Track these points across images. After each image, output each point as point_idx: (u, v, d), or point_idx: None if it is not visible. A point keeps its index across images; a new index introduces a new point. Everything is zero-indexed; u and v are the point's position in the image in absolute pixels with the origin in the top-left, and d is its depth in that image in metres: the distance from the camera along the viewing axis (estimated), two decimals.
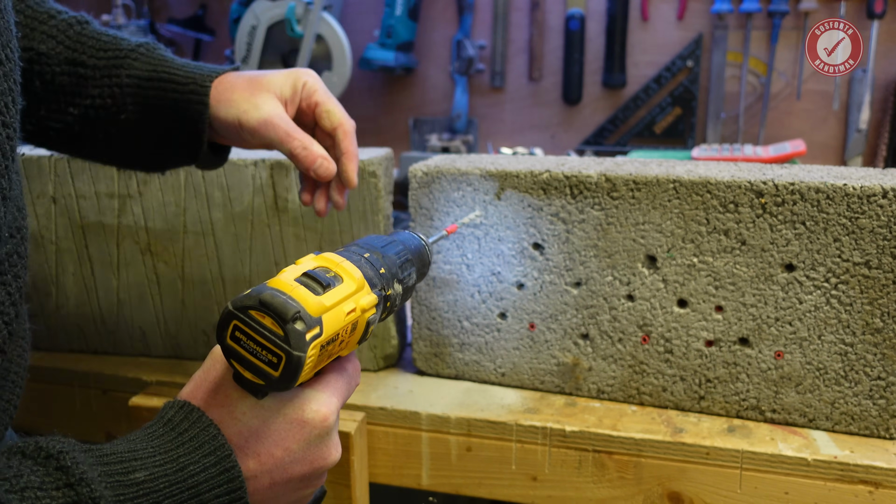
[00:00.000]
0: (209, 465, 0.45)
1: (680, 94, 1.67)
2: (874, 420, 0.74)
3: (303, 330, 0.44)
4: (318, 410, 0.49)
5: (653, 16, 1.67)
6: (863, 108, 1.53)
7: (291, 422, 0.49)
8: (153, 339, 0.97)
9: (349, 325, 0.49)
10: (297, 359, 0.44)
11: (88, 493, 0.40)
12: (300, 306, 0.45)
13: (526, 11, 1.73)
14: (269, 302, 0.44)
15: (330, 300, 0.47)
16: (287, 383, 0.45)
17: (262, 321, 0.45)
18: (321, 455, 0.50)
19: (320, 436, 0.50)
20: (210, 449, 0.46)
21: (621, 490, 0.78)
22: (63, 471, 0.41)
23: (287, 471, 0.49)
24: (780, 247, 0.73)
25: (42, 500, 0.39)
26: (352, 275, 0.50)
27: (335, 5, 1.75)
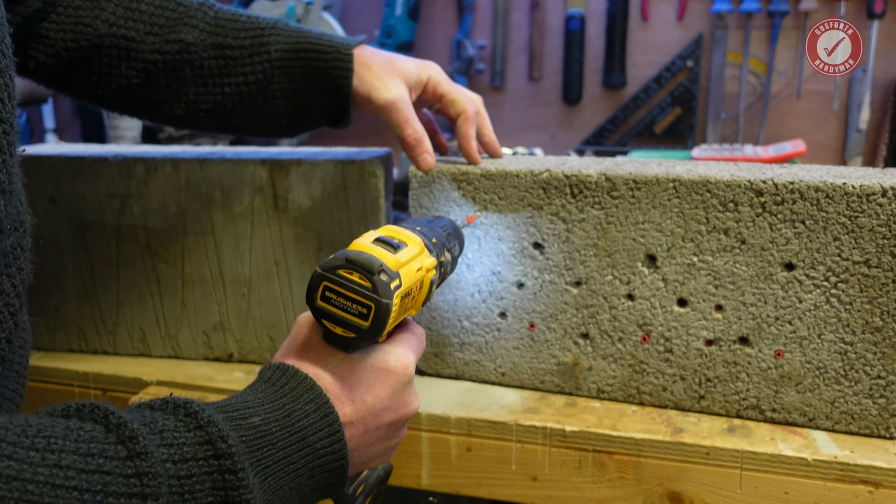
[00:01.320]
0: (311, 412, 0.50)
1: (680, 94, 1.67)
2: (874, 419, 0.74)
3: (387, 280, 0.50)
4: (399, 360, 0.55)
5: (653, 16, 1.67)
6: (863, 108, 1.53)
7: (378, 371, 0.54)
8: (153, 339, 0.97)
9: (419, 283, 0.55)
10: (385, 306, 0.49)
11: (217, 432, 0.44)
12: (382, 261, 0.50)
13: (526, 11, 1.73)
14: (356, 259, 0.50)
15: (404, 257, 0.53)
16: (377, 331, 0.50)
17: (350, 277, 0.50)
18: (405, 402, 0.56)
19: (404, 384, 0.55)
20: (310, 397, 0.50)
21: (621, 490, 0.78)
22: (192, 416, 0.45)
23: (378, 417, 0.54)
24: (780, 246, 0.73)
25: (178, 439, 0.43)
26: (414, 240, 0.56)
27: (335, 5, 1.75)
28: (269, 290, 0.92)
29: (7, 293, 0.53)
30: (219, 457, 0.44)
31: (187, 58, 0.78)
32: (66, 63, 0.76)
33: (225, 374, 0.92)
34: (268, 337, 0.94)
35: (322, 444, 0.50)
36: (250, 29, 0.78)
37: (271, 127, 0.83)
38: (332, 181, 0.87)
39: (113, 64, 0.77)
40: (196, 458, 0.43)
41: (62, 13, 0.75)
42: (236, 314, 0.94)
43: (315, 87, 0.79)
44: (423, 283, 0.56)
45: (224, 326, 0.94)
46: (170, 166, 0.90)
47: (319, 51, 0.78)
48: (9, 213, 0.52)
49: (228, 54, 0.78)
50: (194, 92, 0.79)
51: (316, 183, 0.87)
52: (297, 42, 0.78)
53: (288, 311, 0.92)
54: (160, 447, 0.42)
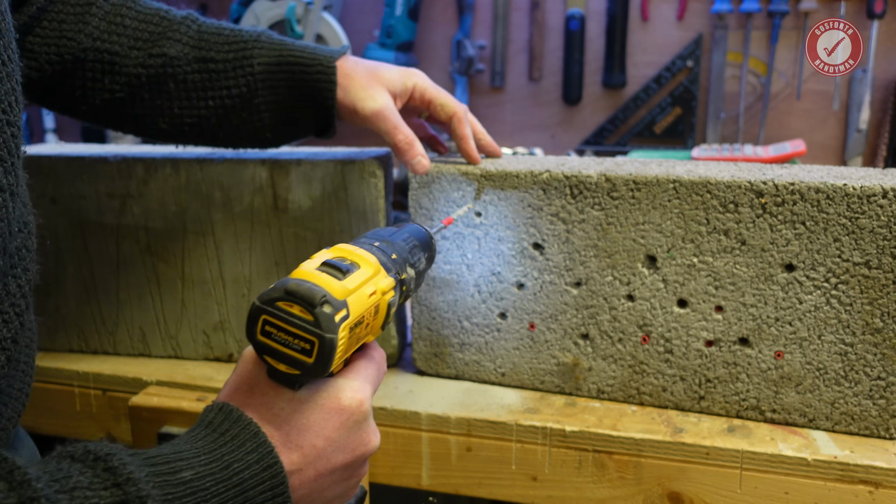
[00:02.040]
0: (252, 462, 0.46)
1: (680, 94, 1.67)
2: (874, 420, 0.74)
3: (331, 312, 0.46)
4: (353, 397, 0.51)
5: (653, 16, 1.67)
6: (863, 108, 1.53)
7: (329, 410, 0.50)
8: (153, 339, 0.97)
9: (372, 308, 0.50)
10: (329, 341, 0.45)
11: (136, 491, 0.41)
12: (325, 291, 0.46)
13: (526, 11, 1.73)
14: (296, 290, 0.46)
15: (352, 283, 0.49)
16: (322, 367, 0.46)
17: (290, 310, 0.46)
18: (362, 441, 0.52)
19: (358, 422, 0.51)
20: (252, 446, 0.47)
21: (621, 490, 0.78)
22: (111, 471, 0.41)
23: (331, 460, 0.50)
24: (780, 247, 0.73)
25: (91, 499, 0.40)
26: (367, 260, 0.52)
27: (335, 5, 1.75)
28: None
29: (13, 294, 0.53)
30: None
31: (171, 72, 0.78)
32: (49, 77, 0.76)
33: (225, 374, 0.92)
34: None
35: (263, 497, 0.46)
36: (233, 42, 0.78)
37: (256, 139, 0.83)
38: (332, 181, 0.87)
39: (96, 78, 0.77)
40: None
41: (47, 27, 0.75)
42: (236, 314, 0.93)
43: (299, 100, 0.79)
44: (378, 307, 0.51)
45: (224, 326, 0.94)
46: (170, 166, 0.90)
47: (302, 63, 0.78)
48: (15, 214, 0.51)
49: (212, 68, 0.78)
50: (178, 106, 0.79)
51: (316, 183, 0.87)
52: (281, 55, 0.78)
53: None
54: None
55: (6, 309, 0.52)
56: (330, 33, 1.63)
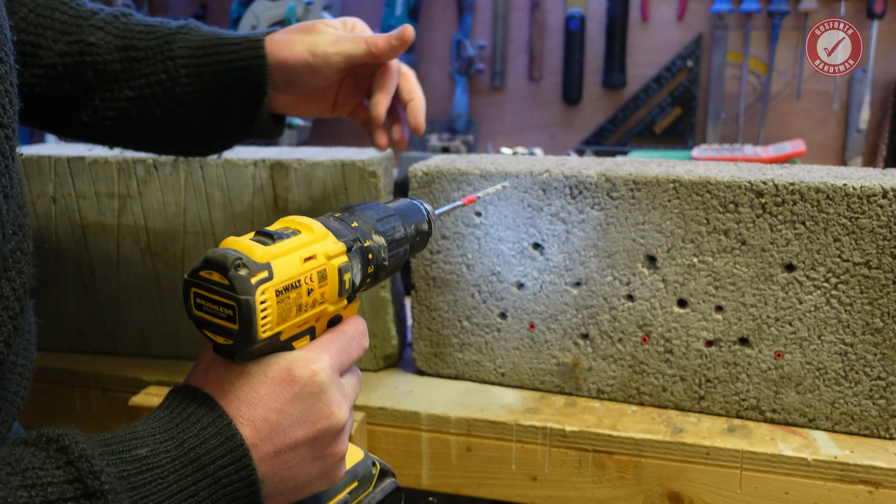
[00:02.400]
0: (209, 437, 0.45)
1: (680, 94, 1.67)
2: (874, 420, 0.74)
3: (246, 275, 0.44)
4: (304, 367, 0.48)
5: (653, 16, 1.67)
6: (863, 108, 1.53)
7: (279, 382, 0.48)
8: (153, 339, 0.97)
9: (313, 273, 0.48)
10: (245, 302, 0.44)
11: (89, 467, 0.40)
12: (241, 254, 0.45)
13: (526, 11, 1.73)
14: (211, 256, 0.45)
15: (280, 248, 0.47)
16: (247, 333, 0.45)
17: (210, 278, 0.45)
18: (322, 414, 0.49)
19: (313, 393, 0.48)
20: (208, 421, 0.45)
21: (621, 490, 0.78)
22: (63, 451, 0.41)
23: (289, 434, 0.48)
24: (780, 247, 0.73)
25: (43, 478, 0.39)
26: (309, 227, 0.50)
27: (335, 5, 1.75)
28: None
29: (6, 297, 0.52)
30: (90, 496, 0.39)
31: (90, 60, 0.73)
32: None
33: None
34: None
35: (225, 472, 0.45)
36: (158, 31, 0.74)
37: (188, 140, 0.77)
38: (332, 181, 0.87)
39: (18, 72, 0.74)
40: (63, 498, 0.39)
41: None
42: None
43: (226, 84, 0.73)
44: (324, 273, 0.49)
45: None
46: (170, 166, 0.90)
47: (228, 43, 0.72)
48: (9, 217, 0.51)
49: (133, 56, 0.73)
50: (99, 97, 0.74)
51: (316, 183, 0.87)
52: (206, 39, 0.73)
53: None
54: (20, 489, 0.38)
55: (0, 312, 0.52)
56: None
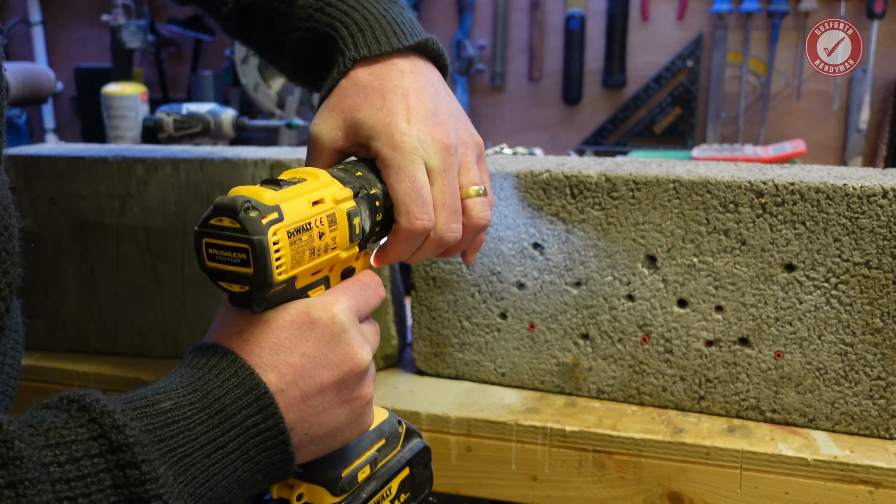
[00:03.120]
0: (233, 387, 0.45)
1: (680, 94, 1.67)
2: (874, 420, 0.74)
3: (257, 216, 0.44)
4: (324, 309, 0.48)
5: (653, 16, 1.67)
6: (863, 108, 1.53)
7: (299, 326, 0.47)
8: (153, 339, 0.97)
9: (322, 216, 0.48)
10: (258, 242, 0.43)
11: (111, 423, 0.40)
12: (249, 197, 0.45)
13: (526, 11, 1.73)
14: (220, 202, 0.45)
15: (288, 193, 0.47)
16: (262, 274, 0.44)
17: (220, 224, 0.45)
18: (345, 354, 0.48)
19: (335, 334, 0.48)
20: (231, 372, 0.45)
21: (621, 490, 0.78)
22: (85, 409, 0.40)
23: (314, 378, 0.47)
24: (780, 247, 0.73)
25: (66, 437, 0.39)
26: (315, 174, 0.50)
27: None
28: None
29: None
30: (115, 450, 0.39)
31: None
32: None
33: None
34: None
35: (252, 421, 0.44)
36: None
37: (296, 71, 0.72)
38: None
39: None
40: (89, 455, 0.39)
41: None
42: None
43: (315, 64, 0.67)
44: (333, 216, 0.49)
45: None
46: (170, 166, 0.90)
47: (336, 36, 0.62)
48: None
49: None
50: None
51: None
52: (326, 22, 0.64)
53: None
54: (44, 449, 0.38)
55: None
56: None
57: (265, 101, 1.62)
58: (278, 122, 1.47)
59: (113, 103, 1.53)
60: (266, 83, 1.62)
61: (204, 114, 1.39)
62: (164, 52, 1.92)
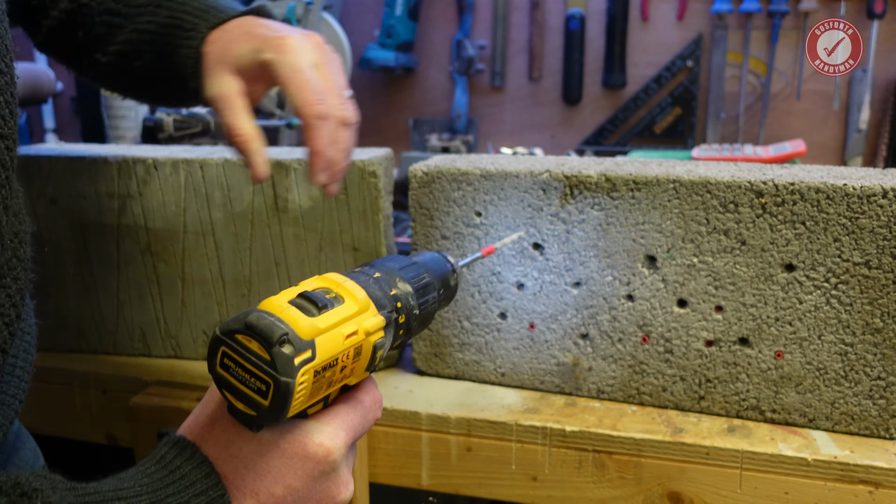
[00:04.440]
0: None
1: (680, 94, 1.67)
2: (874, 420, 0.74)
3: (291, 354, 0.41)
4: (321, 444, 0.46)
5: (653, 16, 1.67)
6: (863, 108, 1.53)
7: (292, 457, 0.45)
8: (153, 339, 0.97)
9: (350, 350, 0.46)
10: (284, 385, 0.41)
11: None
12: (289, 328, 0.42)
13: (526, 11, 1.73)
14: (255, 324, 0.42)
15: (325, 322, 0.44)
16: (278, 413, 0.42)
17: (248, 345, 0.42)
18: (328, 493, 0.47)
19: (325, 472, 0.46)
20: (202, 488, 0.43)
21: (621, 490, 0.78)
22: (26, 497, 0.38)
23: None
24: (780, 247, 0.73)
25: None
26: (354, 295, 0.47)
27: (335, 5, 1.75)
28: (269, 291, 0.92)
29: (2, 304, 0.51)
30: None
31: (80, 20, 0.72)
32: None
33: None
34: None
35: None
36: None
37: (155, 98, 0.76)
38: None
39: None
40: None
41: None
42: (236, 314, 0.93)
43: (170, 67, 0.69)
44: (360, 349, 0.46)
45: None
46: (170, 166, 0.90)
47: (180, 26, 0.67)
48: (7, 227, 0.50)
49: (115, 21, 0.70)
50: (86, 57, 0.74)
51: None
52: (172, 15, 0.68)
53: None
54: None
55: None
56: (330, 33, 1.64)
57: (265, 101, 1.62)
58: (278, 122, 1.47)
59: (113, 103, 1.53)
60: None
61: (204, 114, 1.39)
62: None
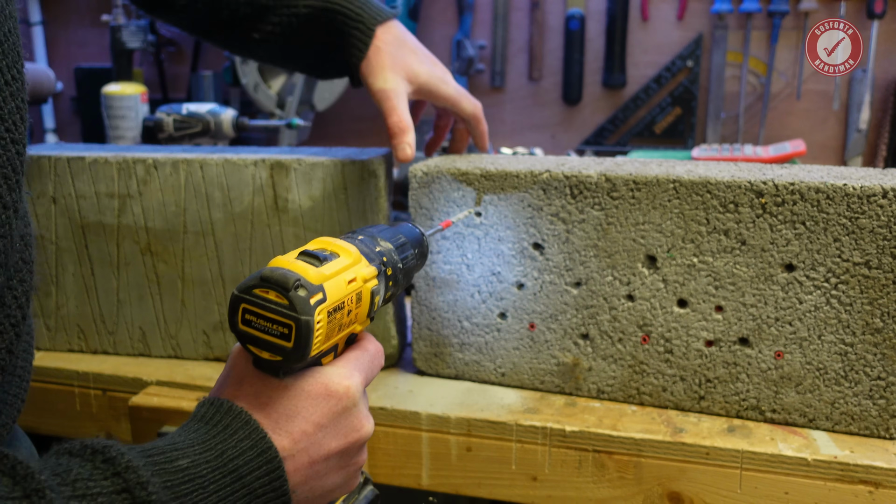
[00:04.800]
0: (246, 449, 0.47)
1: (680, 94, 1.67)
2: (874, 420, 0.74)
3: (306, 295, 0.47)
4: (339, 382, 0.51)
5: (653, 16, 1.67)
6: (863, 108, 1.53)
7: (316, 397, 0.50)
8: (153, 339, 0.97)
9: (353, 295, 0.51)
10: (305, 323, 0.46)
11: (136, 478, 0.41)
12: (299, 275, 0.47)
13: (526, 11, 1.73)
14: (270, 276, 0.47)
15: (329, 270, 0.50)
16: (301, 351, 0.47)
17: (266, 296, 0.47)
18: (353, 427, 0.52)
19: (347, 408, 0.51)
20: (245, 433, 0.47)
21: (621, 490, 0.78)
22: (110, 462, 0.42)
23: (323, 446, 0.50)
24: (780, 247, 0.73)
25: (92, 489, 0.40)
26: (347, 250, 0.53)
27: None
28: None
29: (9, 306, 0.53)
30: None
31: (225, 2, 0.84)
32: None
33: None
34: None
35: (260, 482, 0.47)
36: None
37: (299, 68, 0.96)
38: (332, 181, 0.87)
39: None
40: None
41: None
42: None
43: (336, 49, 0.85)
44: (360, 295, 0.52)
45: (224, 326, 0.94)
46: (170, 166, 0.90)
47: (346, 14, 0.83)
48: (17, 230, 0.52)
49: (263, 3, 0.84)
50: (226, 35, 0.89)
51: (316, 183, 0.87)
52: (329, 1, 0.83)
53: None
54: (71, 499, 0.40)
55: (2, 321, 0.53)
56: None
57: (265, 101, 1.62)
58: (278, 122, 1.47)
59: (113, 103, 1.53)
60: (266, 83, 1.62)
61: (204, 114, 1.39)
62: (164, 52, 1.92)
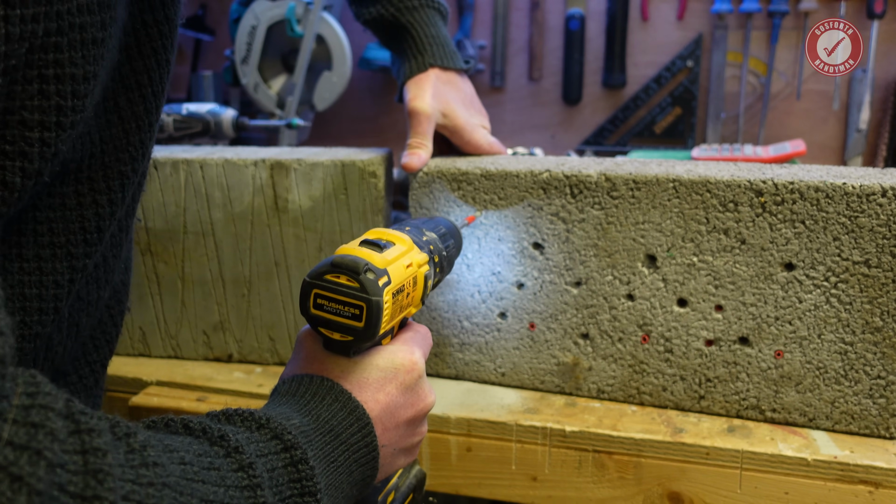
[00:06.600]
0: (337, 410, 0.50)
1: (680, 94, 1.66)
2: (874, 419, 0.74)
3: (374, 278, 0.50)
4: (405, 357, 0.56)
5: (653, 16, 1.67)
6: (863, 108, 1.53)
7: (385, 370, 0.54)
8: (153, 339, 0.97)
9: (411, 279, 0.56)
10: (376, 303, 0.50)
11: (279, 427, 0.46)
12: (367, 260, 0.51)
13: (526, 11, 1.73)
14: (341, 262, 0.50)
15: (391, 255, 0.54)
16: (372, 330, 0.50)
17: (337, 280, 0.50)
18: (420, 397, 0.56)
19: (413, 380, 0.56)
20: (333, 397, 0.51)
21: (621, 490, 0.78)
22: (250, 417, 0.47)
23: (394, 415, 0.54)
24: (780, 246, 0.73)
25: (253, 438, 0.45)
26: (401, 239, 0.58)
27: (335, 5, 1.75)
28: (269, 291, 0.92)
29: (105, 323, 0.59)
30: (288, 449, 0.45)
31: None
32: None
33: (225, 375, 0.92)
34: (268, 337, 0.94)
35: (354, 438, 0.50)
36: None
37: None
38: (332, 181, 0.87)
39: None
40: (273, 452, 0.45)
41: None
42: (236, 314, 0.93)
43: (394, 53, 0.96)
44: (416, 279, 0.57)
45: (224, 326, 0.94)
46: (170, 166, 0.89)
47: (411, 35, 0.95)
48: (126, 253, 0.57)
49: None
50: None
51: (316, 183, 0.87)
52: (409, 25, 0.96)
53: (288, 311, 0.92)
54: (249, 444, 0.44)
55: (97, 336, 0.59)
56: (330, 33, 1.64)
57: (265, 101, 1.62)
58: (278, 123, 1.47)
59: None
60: (266, 83, 1.62)
61: (204, 114, 1.39)
62: None
